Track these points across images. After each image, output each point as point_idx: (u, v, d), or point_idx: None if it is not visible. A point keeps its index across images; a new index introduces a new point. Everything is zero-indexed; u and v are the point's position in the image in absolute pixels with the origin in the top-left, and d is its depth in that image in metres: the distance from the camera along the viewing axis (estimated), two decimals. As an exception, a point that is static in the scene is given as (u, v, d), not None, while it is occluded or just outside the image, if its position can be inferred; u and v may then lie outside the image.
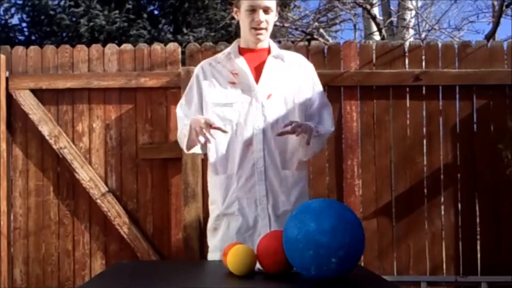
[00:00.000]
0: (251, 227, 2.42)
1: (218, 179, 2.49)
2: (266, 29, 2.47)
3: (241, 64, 2.49)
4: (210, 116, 2.44)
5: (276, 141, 2.45)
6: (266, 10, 2.45)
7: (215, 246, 2.49)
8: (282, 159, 2.46)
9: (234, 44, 2.57)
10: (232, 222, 2.44)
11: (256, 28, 2.46)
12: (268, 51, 2.54)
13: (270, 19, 2.48)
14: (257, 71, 2.49)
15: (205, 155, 2.60)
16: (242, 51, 2.54)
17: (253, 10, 2.44)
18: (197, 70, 2.58)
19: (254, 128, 2.44)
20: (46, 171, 4.21)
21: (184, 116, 2.53)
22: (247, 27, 2.48)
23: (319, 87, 2.61)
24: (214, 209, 2.51)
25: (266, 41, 2.54)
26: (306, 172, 2.58)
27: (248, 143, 2.44)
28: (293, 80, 2.52)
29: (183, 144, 2.53)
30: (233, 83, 2.48)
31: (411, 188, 4.09)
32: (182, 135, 2.51)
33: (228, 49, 2.57)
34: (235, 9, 2.54)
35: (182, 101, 2.58)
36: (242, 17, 2.49)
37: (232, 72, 2.50)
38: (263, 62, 2.50)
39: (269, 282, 1.70)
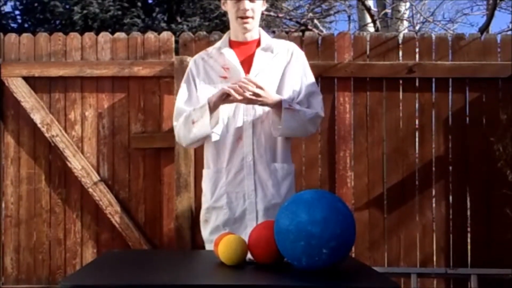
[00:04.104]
0: (238, 220, 2.43)
1: (208, 172, 2.51)
2: (252, 17, 2.46)
3: (231, 58, 2.48)
4: None
5: (265, 135, 2.45)
6: None
7: (207, 239, 2.52)
8: (271, 152, 2.46)
9: (225, 37, 2.56)
10: (220, 215, 2.46)
11: (242, 17, 2.44)
12: (258, 42, 2.53)
13: (256, 8, 2.46)
14: (247, 65, 2.47)
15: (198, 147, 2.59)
16: (232, 44, 2.53)
17: None
18: (190, 64, 2.57)
19: (244, 122, 2.44)
20: (38, 159, 4.20)
21: (186, 107, 2.48)
22: (234, 16, 2.47)
23: (310, 76, 2.58)
24: (205, 202, 2.53)
25: (255, 31, 2.52)
26: (293, 166, 2.56)
27: (237, 138, 2.44)
28: (282, 71, 2.50)
29: (188, 134, 2.45)
30: (224, 77, 2.48)
31: (403, 180, 4.10)
32: (187, 124, 2.44)
33: (219, 43, 2.56)
34: (222, 0, 2.53)
35: (183, 94, 2.51)
36: (229, 7, 2.49)
37: (224, 67, 2.49)
38: (252, 55, 2.49)
39: (260, 272, 1.71)
